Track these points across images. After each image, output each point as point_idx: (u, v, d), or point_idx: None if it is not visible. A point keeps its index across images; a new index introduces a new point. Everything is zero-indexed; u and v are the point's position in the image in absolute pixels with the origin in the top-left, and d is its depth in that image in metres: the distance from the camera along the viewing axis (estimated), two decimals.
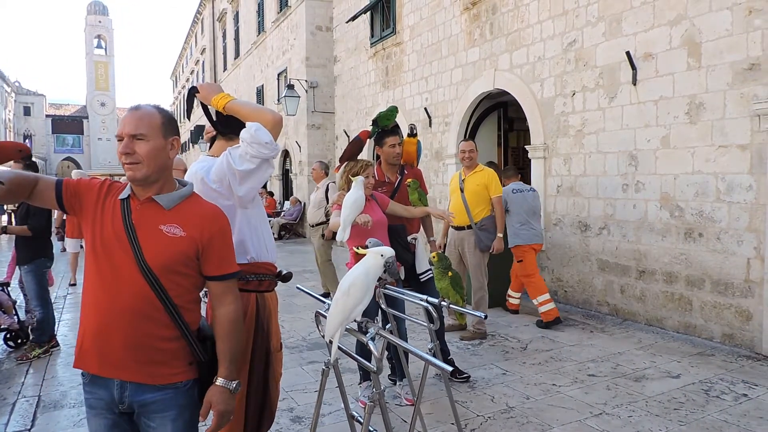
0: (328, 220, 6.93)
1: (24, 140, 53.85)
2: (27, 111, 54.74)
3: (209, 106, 2.23)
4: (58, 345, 5.23)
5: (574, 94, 6.32)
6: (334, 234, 6.80)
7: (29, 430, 3.48)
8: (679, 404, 3.60)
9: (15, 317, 5.35)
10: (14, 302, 5.46)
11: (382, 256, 1.83)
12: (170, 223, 1.69)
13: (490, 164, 6.01)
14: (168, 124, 1.75)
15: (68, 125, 56.67)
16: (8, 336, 5.35)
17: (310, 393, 3.90)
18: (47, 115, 55.86)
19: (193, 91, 2.23)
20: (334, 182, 7.17)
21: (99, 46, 57.38)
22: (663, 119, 5.31)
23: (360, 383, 3.78)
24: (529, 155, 7.07)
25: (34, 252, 4.94)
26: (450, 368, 1.76)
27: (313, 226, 7.14)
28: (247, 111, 2.10)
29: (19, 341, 5.38)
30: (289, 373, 4.18)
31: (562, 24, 6.44)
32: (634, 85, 5.56)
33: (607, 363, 4.44)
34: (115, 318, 1.65)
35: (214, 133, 2.37)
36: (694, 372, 4.20)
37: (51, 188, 1.75)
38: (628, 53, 5.53)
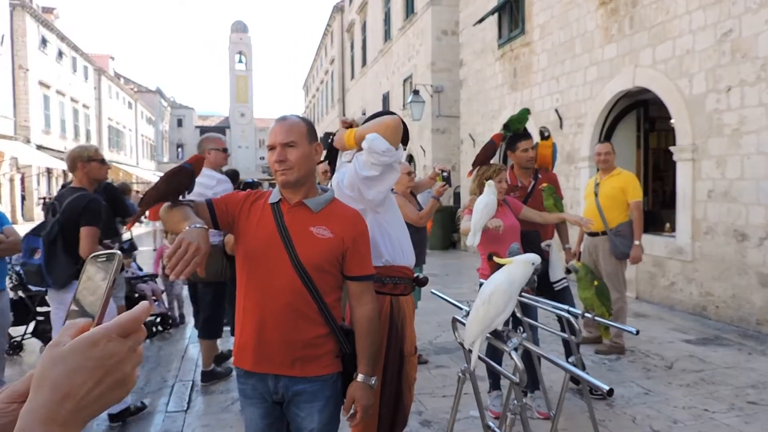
0: None
1: (177, 149, 60.31)
2: (180, 123, 61.40)
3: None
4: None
5: (729, 89, 5.71)
6: None
7: (185, 411, 3.85)
8: None
9: (164, 304, 6.03)
10: (162, 291, 6.12)
11: (533, 264, 1.75)
12: (318, 225, 1.79)
13: None
14: (311, 131, 1.87)
15: None
16: (158, 321, 6.01)
17: (438, 398, 3.90)
18: (196, 126, 62.10)
19: (329, 140, 2.36)
20: None
21: (240, 62, 62.62)
22: None
23: (489, 392, 3.70)
24: (674, 157, 6.50)
25: None
26: (607, 387, 1.64)
27: None
28: (369, 128, 2.13)
29: (166, 327, 6.02)
30: (417, 377, 4.20)
31: (716, 13, 5.85)
32: None
33: None
34: (273, 315, 1.77)
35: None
36: None
37: (205, 210, 1.87)
38: None
